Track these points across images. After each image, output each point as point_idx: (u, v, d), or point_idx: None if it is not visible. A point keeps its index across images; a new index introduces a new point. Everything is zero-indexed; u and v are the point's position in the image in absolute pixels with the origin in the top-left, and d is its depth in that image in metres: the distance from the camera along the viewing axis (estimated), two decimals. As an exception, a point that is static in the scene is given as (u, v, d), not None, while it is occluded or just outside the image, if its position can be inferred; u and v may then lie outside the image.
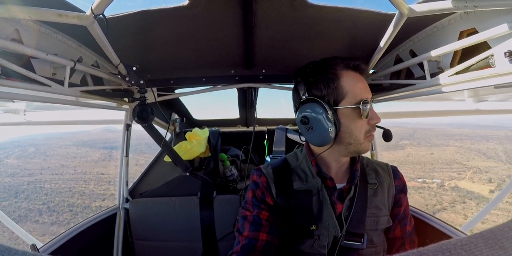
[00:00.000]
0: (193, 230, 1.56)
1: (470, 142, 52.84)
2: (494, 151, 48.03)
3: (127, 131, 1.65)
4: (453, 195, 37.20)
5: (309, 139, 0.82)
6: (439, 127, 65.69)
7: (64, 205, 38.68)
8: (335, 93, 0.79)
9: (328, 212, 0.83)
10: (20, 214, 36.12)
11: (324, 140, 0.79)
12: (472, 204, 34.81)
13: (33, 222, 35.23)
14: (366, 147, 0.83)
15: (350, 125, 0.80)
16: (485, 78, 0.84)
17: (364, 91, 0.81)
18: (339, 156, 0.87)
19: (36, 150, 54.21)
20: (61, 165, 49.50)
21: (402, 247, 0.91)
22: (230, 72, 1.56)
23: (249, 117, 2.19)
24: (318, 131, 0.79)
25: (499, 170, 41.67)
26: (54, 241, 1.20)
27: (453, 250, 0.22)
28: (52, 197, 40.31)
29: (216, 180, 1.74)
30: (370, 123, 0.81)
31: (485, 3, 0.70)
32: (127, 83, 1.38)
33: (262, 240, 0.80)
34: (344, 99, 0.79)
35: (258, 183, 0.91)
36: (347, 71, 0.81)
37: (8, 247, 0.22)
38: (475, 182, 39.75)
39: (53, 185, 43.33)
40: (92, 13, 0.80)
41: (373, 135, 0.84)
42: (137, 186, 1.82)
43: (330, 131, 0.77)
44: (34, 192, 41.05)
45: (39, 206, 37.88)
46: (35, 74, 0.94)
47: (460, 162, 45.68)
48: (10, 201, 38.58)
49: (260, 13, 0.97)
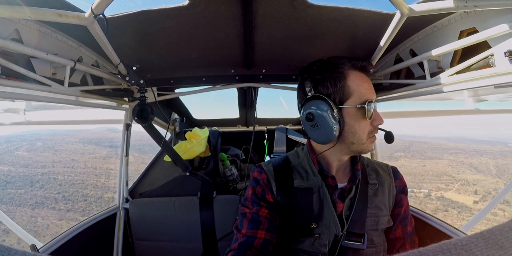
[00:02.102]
0: (193, 230, 1.55)
1: (464, 156, 54.78)
2: (486, 165, 49.78)
3: (127, 131, 1.64)
4: (437, 204, 39.19)
5: (313, 136, 0.82)
6: (436, 140, 68.10)
7: (79, 195, 40.64)
8: (341, 92, 0.80)
9: (329, 210, 0.83)
10: (37, 201, 38.15)
11: (328, 138, 0.80)
12: (454, 212, 36.80)
13: (50, 208, 37.25)
14: (368, 147, 0.83)
15: (354, 125, 0.80)
16: (485, 78, 0.84)
17: (369, 92, 0.82)
18: (341, 155, 0.87)
19: (44, 145, 55.66)
20: (71, 160, 50.99)
21: (403, 248, 0.91)
22: (230, 71, 1.56)
23: (249, 117, 2.19)
24: (323, 129, 0.79)
25: (487, 183, 43.62)
26: (54, 241, 1.20)
27: (454, 250, 0.22)
28: (66, 188, 42.37)
29: (216, 180, 1.74)
30: (373, 124, 0.82)
31: (485, 3, 0.70)
32: (127, 83, 1.38)
33: (260, 238, 0.80)
34: (349, 98, 0.80)
35: (258, 179, 0.91)
36: (354, 71, 0.82)
37: (8, 247, 0.22)
38: (461, 193, 41.76)
39: (66, 177, 45.23)
40: (92, 13, 0.80)
41: (375, 136, 0.84)
42: (137, 186, 1.82)
43: (334, 129, 0.78)
44: (48, 182, 43.03)
45: (55, 195, 39.99)
46: (35, 74, 0.94)
47: (450, 175, 47.58)
48: (26, 189, 40.46)
49: (260, 13, 0.97)
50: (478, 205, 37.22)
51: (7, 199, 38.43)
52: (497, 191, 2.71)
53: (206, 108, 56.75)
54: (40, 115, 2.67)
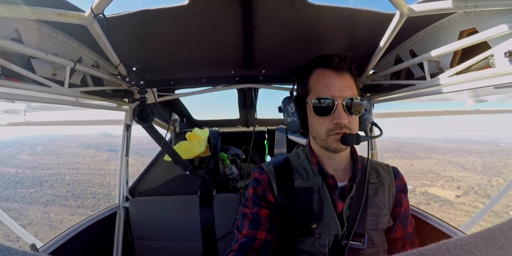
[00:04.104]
0: (193, 229, 1.55)
1: (452, 155, 56.09)
2: (473, 163, 51.00)
3: (127, 131, 1.64)
4: (420, 198, 40.23)
5: (287, 125, 0.93)
6: (427, 142, 69.18)
7: (87, 193, 42.27)
8: (305, 89, 0.88)
9: (329, 210, 0.83)
10: (48, 199, 39.74)
11: (291, 128, 0.91)
12: (436, 206, 38.06)
13: (61, 205, 38.87)
14: (331, 144, 0.83)
15: (311, 120, 0.88)
16: (485, 78, 0.84)
17: (327, 88, 0.82)
18: (321, 150, 0.90)
19: (44, 149, 56.74)
20: (75, 162, 52.46)
21: (403, 249, 0.90)
22: (230, 72, 1.56)
23: (249, 118, 2.19)
24: (286, 120, 0.92)
25: (471, 179, 45.00)
26: (54, 240, 1.20)
27: (453, 250, 0.22)
28: (74, 187, 44.01)
29: (216, 178, 1.74)
30: (333, 122, 0.81)
31: (485, 3, 0.70)
32: (127, 84, 1.38)
33: (260, 239, 0.80)
34: (309, 95, 0.87)
35: (259, 180, 0.91)
36: (318, 68, 0.86)
37: (8, 247, 0.22)
38: (444, 188, 43.09)
39: (73, 177, 46.90)
40: (92, 13, 0.80)
41: (339, 134, 0.82)
42: (137, 185, 1.82)
43: (291, 121, 0.90)
44: (56, 182, 44.68)
45: (64, 193, 41.72)
46: (35, 75, 0.94)
47: (436, 172, 48.92)
48: (36, 189, 41.99)
49: (260, 13, 0.97)
50: (460, 199, 39.03)
51: (19, 198, 39.83)
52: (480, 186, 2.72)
53: (206, 109, 56.13)
54: (40, 115, 2.67)
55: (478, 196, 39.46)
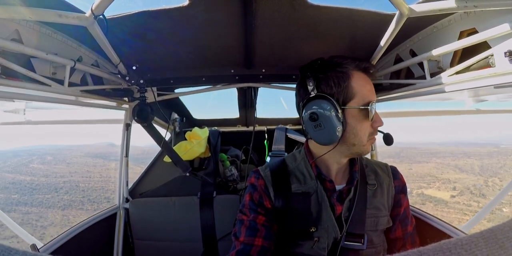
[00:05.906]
0: (193, 230, 1.55)
1: (451, 158, 57.17)
2: (471, 165, 52.16)
3: (127, 131, 1.64)
4: (416, 199, 41.47)
5: (316, 136, 0.80)
6: (426, 145, 70.54)
7: (102, 198, 44.13)
8: (345, 92, 0.78)
9: (327, 214, 0.82)
10: (65, 204, 42.41)
11: (331, 139, 0.78)
12: (430, 205, 39.54)
13: (77, 209, 41.04)
14: (367, 149, 0.83)
15: (356, 126, 0.79)
16: (485, 78, 0.84)
17: (371, 93, 0.82)
18: (341, 157, 0.86)
19: (54, 158, 58.84)
20: (86, 171, 54.56)
21: (403, 248, 0.90)
22: (230, 71, 1.55)
23: (249, 117, 2.19)
24: (326, 129, 0.77)
25: (468, 181, 46.34)
26: (55, 241, 1.20)
27: (453, 250, 0.22)
28: (89, 193, 46.18)
29: (216, 180, 1.74)
30: (373, 126, 0.81)
31: (485, 3, 0.70)
32: (127, 83, 1.38)
33: (257, 246, 0.80)
34: (352, 99, 0.79)
35: (256, 186, 0.90)
36: (357, 71, 0.81)
37: (8, 247, 0.22)
38: (440, 190, 44.61)
39: (86, 184, 49.21)
40: (92, 14, 0.80)
41: (375, 138, 0.84)
42: (137, 186, 1.82)
43: (338, 130, 0.76)
44: (71, 189, 47.09)
45: (80, 199, 44.08)
46: (35, 74, 0.94)
47: (433, 175, 50.19)
48: (53, 195, 44.37)
49: (260, 13, 0.97)
50: (455, 199, 40.39)
51: (37, 203, 41.71)
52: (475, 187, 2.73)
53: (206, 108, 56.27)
54: (40, 115, 2.66)
55: (473, 195, 40.39)
